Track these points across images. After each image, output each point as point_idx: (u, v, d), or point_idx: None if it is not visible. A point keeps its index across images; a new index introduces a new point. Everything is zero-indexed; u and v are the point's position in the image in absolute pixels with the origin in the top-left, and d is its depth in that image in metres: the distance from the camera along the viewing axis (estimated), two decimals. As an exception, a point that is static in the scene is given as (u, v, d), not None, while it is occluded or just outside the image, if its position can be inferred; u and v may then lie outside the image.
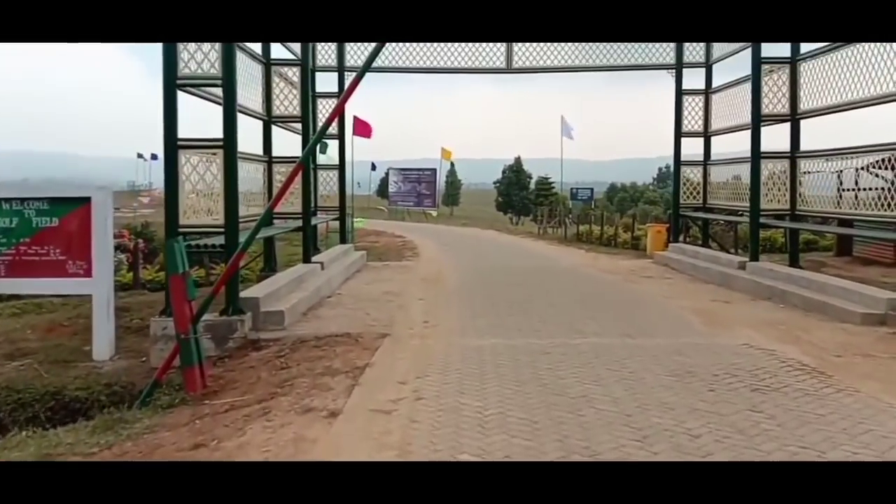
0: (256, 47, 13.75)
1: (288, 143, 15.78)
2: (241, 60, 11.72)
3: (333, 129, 18.22)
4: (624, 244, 24.99)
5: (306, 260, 14.53)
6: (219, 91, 10.13)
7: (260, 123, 14.59)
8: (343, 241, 19.31)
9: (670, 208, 22.17)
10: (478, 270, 18.11)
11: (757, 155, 14.66)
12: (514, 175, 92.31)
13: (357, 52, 18.19)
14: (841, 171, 13.63)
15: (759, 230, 15.32)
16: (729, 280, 14.25)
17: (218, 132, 10.17)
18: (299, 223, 14.73)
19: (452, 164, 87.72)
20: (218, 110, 10.26)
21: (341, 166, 18.69)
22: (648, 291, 14.07)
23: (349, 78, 16.87)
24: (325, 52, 18.23)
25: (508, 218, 74.57)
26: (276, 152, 14.92)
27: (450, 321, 10.72)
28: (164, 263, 12.49)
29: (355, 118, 22.51)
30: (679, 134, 18.75)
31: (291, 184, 8.73)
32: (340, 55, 18.15)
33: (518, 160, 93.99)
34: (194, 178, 10.15)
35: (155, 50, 9.88)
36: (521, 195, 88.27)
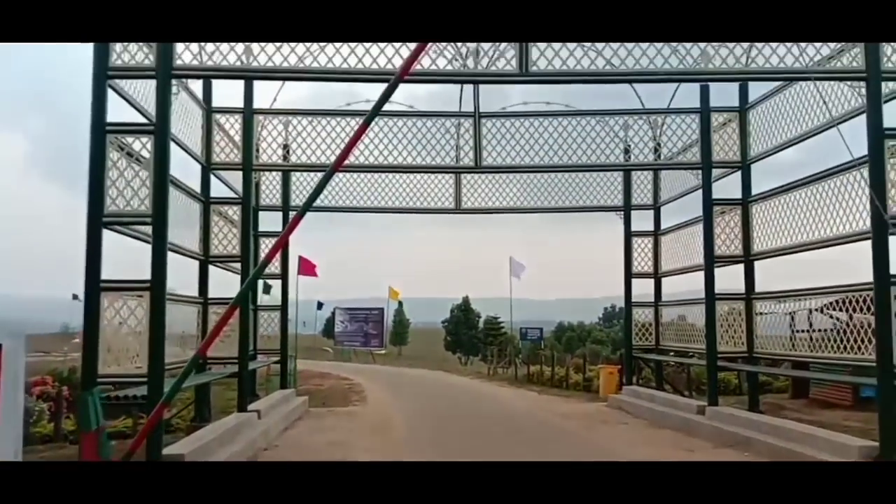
0: (195, 185, 13.25)
1: (229, 281, 15.00)
2: (177, 198, 11.20)
3: (277, 268, 17.62)
4: (576, 385, 24.36)
5: (241, 408, 13.57)
6: (149, 229, 9.51)
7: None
8: (284, 385, 18.30)
9: (619, 348, 21.75)
10: (429, 417, 17.28)
11: (712, 297, 14.42)
12: (463, 314, 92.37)
13: (302, 191, 17.82)
14: (794, 313, 13.39)
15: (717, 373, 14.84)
16: (689, 426, 13.69)
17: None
18: (237, 367, 13.81)
19: (400, 304, 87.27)
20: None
21: (283, 307, 17.99)
22: (608, 440, 13.45)
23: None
24: (270, 191, 17.82)
25: (458, 357, 73.82)
26: (216, 291, 14.13)
27: (397, 478, 9.84)
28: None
29: (300, 258, 22.03)
30: (629, 275, 18.59)
31: (224, 326, 8.03)
32: (286, 193, 17.72)
33: (466, 299, 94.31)
34: (116, 323, 9.38)
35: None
36: (469, 334, 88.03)
